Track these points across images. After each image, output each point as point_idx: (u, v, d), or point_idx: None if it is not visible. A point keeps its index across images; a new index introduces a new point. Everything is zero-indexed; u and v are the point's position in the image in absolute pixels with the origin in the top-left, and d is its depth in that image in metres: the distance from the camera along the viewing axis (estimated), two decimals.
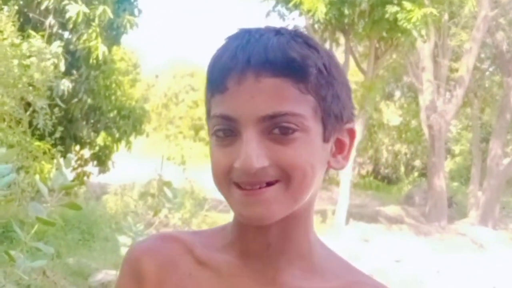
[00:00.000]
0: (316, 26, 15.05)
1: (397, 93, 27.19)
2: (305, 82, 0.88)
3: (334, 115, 0.92)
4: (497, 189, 19.12)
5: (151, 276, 1.00)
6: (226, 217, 12.02)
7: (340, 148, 0.96)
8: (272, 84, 0.86)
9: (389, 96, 26.69)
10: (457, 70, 19.34)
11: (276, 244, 0.95)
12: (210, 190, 11.26)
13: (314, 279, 0.96)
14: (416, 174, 28.44)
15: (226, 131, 0.88)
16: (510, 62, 19.73)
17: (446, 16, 17.95)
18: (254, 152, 0.85)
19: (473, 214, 18.96)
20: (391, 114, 27.87)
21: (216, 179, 0.91)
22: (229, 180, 0.89)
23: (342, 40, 15.90)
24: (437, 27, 17.79)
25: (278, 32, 0.91)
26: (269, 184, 0.87)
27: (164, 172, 9.65)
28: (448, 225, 16.91)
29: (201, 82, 27.49)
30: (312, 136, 0.89)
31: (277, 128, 0.86)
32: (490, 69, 23.48)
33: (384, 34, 14.16)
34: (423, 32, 13.38)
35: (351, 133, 0.97)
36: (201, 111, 26.43)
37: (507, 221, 19.88)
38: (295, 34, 0.91)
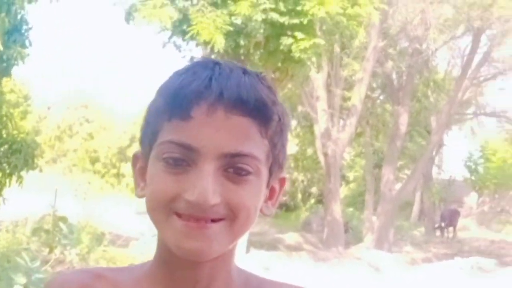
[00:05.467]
0: (213, 57, 15.15)
1: (293, 122, 27.76)
2: (267, 127, 0.88)
3: (278, 163, 0.93)
4: (391, 213, 19.79)
5: None
6: (125, 252, 11.76)
7: (271, 195, 0.97)
8: (239, 122, 0.85)
9: None
10: (349, 99, 19.97)
11: (203, 282, 0.93)
12: (107, 224, 10.99)
13: None
14: (313, 201, 29.02)
15: (178, 160, 0.85)
16: (399, 91, 20.65)
17: (337, 48, 18.55)
18: (211, 188, 0.83)
19: (368, 238, 19.49)
20: (288, 143, 28.39)
21: (155, 205, 0.87)
22: (170, 209, 0.86)
23: None
24: (329, 58, 18.35)
25: (245, 70, 0.90)
26: (213, 220, 0.86)
27: (59, 207, 9.34)
28: (345, 250, 17.29)
29: (95, 114, 26.98)
30: (261, 180, 0.89)
31: (233, 168, 0.86)
32: (381, 98, 24.44)
33: (279, 64, 14.44)
34: (314, 60, 13.75)
35: (282, 182, 0.98)
36: (96, 144, 25.89)
37: (401, 244, 20.59)
38: (260, 77, 0.91)
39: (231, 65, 0.91)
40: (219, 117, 0.85)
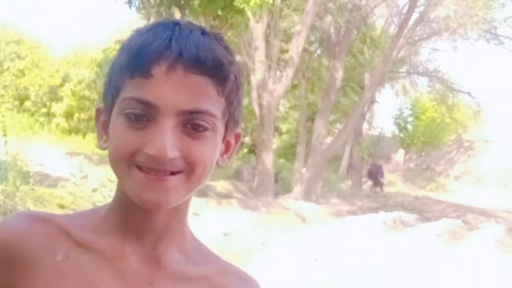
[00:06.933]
0: (152, 0, 14.88)
1: None
2: (223, 86, 0.93)
3: (234, 120, 0.99)
4: (320, 166, 20.16)
5: (24, 260, 0.95)
6: (53, 192, 11.62)
7: (227, 148, 1.03)
8: (197, 81, 0.91)
9: None
10: (287, 51, 20.00)
11: (159, 230, 0.99)
12: (36, 163, 10.80)
13: (189, 263, 1.03)
14: (245, 150, 29.23)
15: (139, 115, 0.90)
16: (336, 46, 20.81)
17: None
18: (169, 142, 0.89)
19: (297, 189, 19.83)
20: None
21: (117, 158, 0.93)
22: (132, 162, 0.91)
23: (178, 15, 15.85)
24: (269, 8, 18.27)
25: (204, 31, 0.96)
26: (172, 173, 0.92)
27: None
28: (274, 199, 17.56)
29: (27, 50, 26.13)
30: (217, 136, 0.96)
31: (191, 124, 0.91)
32: (318, 52, 24.59)
33: (219, 12, 14.32)
34: (258, 14, 13.68)
35: (237, 137, 1.04)
36: (27, 81, 25.16)
37: (328, 196, 21.06)
38: (218, 38, 0.97)
39: (191, 26, 0.96)
40: (178, 76, 0.90)
